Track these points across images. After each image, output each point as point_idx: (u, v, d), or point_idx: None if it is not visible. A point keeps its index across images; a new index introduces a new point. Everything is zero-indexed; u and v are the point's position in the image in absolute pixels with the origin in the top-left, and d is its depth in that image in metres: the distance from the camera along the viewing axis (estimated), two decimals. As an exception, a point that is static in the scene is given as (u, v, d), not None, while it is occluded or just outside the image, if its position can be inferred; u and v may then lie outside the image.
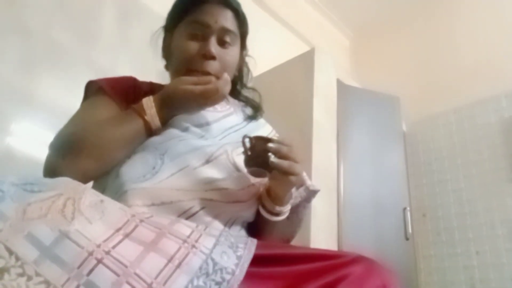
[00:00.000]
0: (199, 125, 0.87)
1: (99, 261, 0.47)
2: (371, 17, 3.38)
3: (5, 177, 0.53)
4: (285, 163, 0.74)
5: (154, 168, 0.75)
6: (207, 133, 0.86)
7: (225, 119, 0.92)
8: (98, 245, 0.48)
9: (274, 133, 1.03)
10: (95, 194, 0.58)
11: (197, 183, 0.75)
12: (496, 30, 2.79)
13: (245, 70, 1.05)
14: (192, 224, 0.61)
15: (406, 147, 2.63)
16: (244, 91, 1.05)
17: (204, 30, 0.89)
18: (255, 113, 1.01)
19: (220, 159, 0.79)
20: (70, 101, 0.95)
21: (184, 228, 0.58)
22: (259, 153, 0.75)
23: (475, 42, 2.85)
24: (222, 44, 0.90)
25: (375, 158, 2.26)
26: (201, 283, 0.51)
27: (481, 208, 2.48)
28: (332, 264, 0.61)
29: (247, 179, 0.80)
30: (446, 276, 2.50)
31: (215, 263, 0.54)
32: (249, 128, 0.96)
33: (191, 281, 0.50)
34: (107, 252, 0.48)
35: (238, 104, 1.02)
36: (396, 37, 3.37)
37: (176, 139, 0.80)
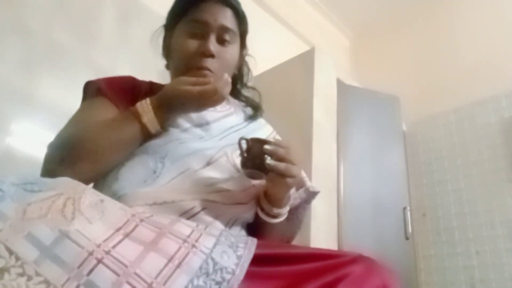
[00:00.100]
0: (199, 125, 0.87)
1: (99, 261, 0.47)
2: (371, 17, 3.38)
3: (5, 177, 0.53)
4: (282, 165, 0.74)
5: (155, 172, 0.75)
6: (207, 133, 0.86)
7: (225, 119, 0.92)
8: (98, 245, 0.48)
9: (274, 134, 1.03)
10: (95, 194, 0.58)
11: (198, 185, 0.75)
12: (496, 30, 2.79)
13: (245, 69, 1.04)
14: (192, 224, 0.61)
15: (406, 147, 2.62)
16: (244, 90, 1.05)
17: (203, 29, 0.89)
18: (255, 113, 1.01)
19: (220, 161, 0.79)
20: (70, 101, 0.95)
21: (184, 227, 0.58)
22: (255, 155, 0.75)
23: (475, 42, 2.85)
24: (222, 43, 0.90)
25: (375, 158, 2.26)
26: (201, 282, 0.51)
27: (481, 208, 2.48)
28: (332, 263, 0.61)
29: (248, 180, 0.80)
30: (446, 276, 2.50)
31: (215, 263, 0.54)
32: (249, 128, 0.96)
33: (191, 281, 0.50)
34: (107, 252, 0.48)
35: (239, 104, 1.02)
36: (396, 37, 3.37)
37: (176, 141, 0.79)
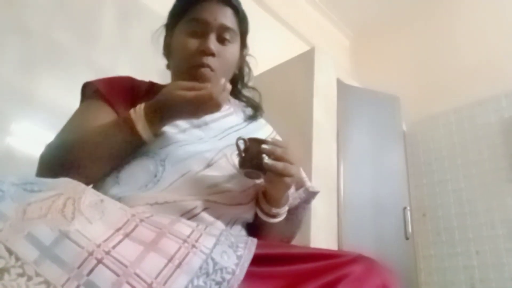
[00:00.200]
0: (198, 125, 0.86)
1: (99, 261, 0.47)
2: (371, 17, 3.38)
3: (5, 177, 0.53)
4: (280, 165, 0.73)
5: (155, 176, 0.75)
6: (206, 134, 0.86)
7: (225, 119, 0.92)
8: (98, 245, 0.48)
9: (275, 134, 1.03)
10: (95, 194, 0.58)
11: (200, 186, 0.75)
12: (496, 30, 2.79)
13: (246, 69, 1.04)
14: (193, 224, 0.61)
15: (406, 147, 2.62)
16: (244, 90, 1.05)
17: (203, 28, 0.89)
18: (255, 113, 1.01)
19: (220, 163, 0.79)
20: (70, 101, 0.95)
21: (184, 227, 0.58)
22: (253, 155, 0.75)
23: (475, 42, 2.85)
24: (222, 42, 0.90)
25: (375, 158, 2.26)
26: (201, 283, 0.51)
27: (481, 208, 2.48)
28: (332, 263, 0.61)
29: (248, 181, 0.80)
30: (446, 276, 2.50)
31: (215, 263, 0.54)
32: (249, 128, 0.96)
33: (191, 281, 0.50)
34: (107, 252, 0.48)
35: (239, 104, 1.02)
36: (396, 37, 3.37)
37: (176, 144, 0.79)
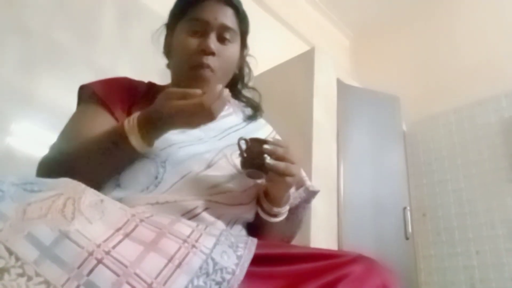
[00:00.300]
0: None
1: (99, 261, 0.47)
2: (371, 17, 3.38)
3: (5, 177, 0.53)
4: (281, 165, 0.74)
5: (156, 178, 0.75)
6: (206, 134, 0.86)
7: (224, 119, 0.92)
8: (98, 245, 0.48)
9: (274, 134, 1.03)
10: (95, 194, 0.58)
11: (201, 188, 0.75)
12: (496, 30, 2.79)
13: (246, 69, 1.04)
14: (193, 224, 0.61)
15: (406, 147, 2.62)
16: (244, 91, 1.05)
17: (203, 27, 0.88)
18: (255, 113, 1.01)
19: (220, 163, 0.80)
20: (70, 101, 0.95)
21: (184, 227, 0.58)
22: (255, 155, 0.75)
23: (475, 42, 2.85)
24: (222, 41, 0.90)
25: (375, 158, 2.26)
26: (201, 283, 0.51)
27: (481, 208, 2.48)
28: (332, 263, 0.61)
29: (249, 181, 0.80)
30: (446, 276, 2.50)
31: (215, 263, 0.54)
32: (249, 128, 0.96)
33: (191, 281, 0.50)
34: (107, 252, 0.48)
35: (238, 104, 1.02)
36: (396, 37, 3.37)
37: (176, 145, 0.79)
